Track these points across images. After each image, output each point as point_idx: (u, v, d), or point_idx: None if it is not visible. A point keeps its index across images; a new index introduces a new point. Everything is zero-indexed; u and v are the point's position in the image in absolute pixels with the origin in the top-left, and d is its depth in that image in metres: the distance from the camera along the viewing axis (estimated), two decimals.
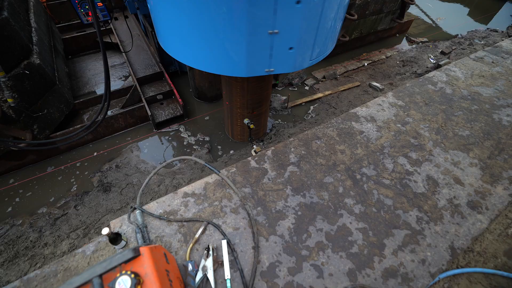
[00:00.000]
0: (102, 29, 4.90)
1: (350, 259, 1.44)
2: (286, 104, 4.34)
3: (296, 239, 1.51)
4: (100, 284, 0.84)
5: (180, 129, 3.87)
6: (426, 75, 2.75)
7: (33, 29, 3.05)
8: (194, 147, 3.64)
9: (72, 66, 4.56)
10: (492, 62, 2.98)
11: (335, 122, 2.22)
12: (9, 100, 2.44)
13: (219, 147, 3.67)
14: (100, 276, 0.86)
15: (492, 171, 1.89)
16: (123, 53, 4.45)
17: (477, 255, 1.55)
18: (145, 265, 0.94)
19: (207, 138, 3.76)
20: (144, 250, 0.98)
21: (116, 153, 3.48)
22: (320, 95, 4.51)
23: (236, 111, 3.14)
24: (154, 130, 3.80)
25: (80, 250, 1.44)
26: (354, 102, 4.27)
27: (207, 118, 4.11)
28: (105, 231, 1.27)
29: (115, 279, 0.87)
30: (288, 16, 1.53)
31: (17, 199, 2.98)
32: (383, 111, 2.33)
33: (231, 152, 3.56)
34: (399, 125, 2.20)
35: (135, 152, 3.51)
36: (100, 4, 2.65)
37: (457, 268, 1.48)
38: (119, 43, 4.74)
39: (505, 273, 1.47)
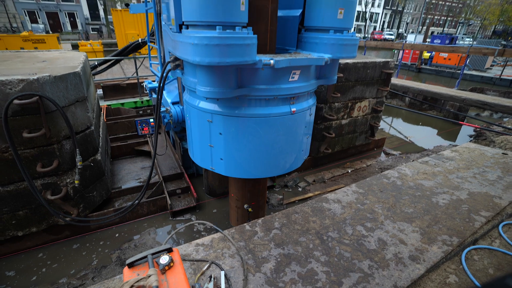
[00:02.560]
0: (142, 140, 6.34)
1: None
2: (282, 202, 5.11)
3: (275, 275, 2.03)
4: (151, 258, 1.50)
5: (192, 218, 4.54)
6: (382, 172, 3.67)
7: (100, 138, 4.36)
8: (202, 233, 4.21)
9: (112, 165, 5.75)
10: (435, 164, 3.93)
11: (310, 202, 2.99)
12: (76, 182, 3.38)
13: None
14: (152, 254, 1.52)
15: (429, 236, 2.47)
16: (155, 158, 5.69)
17: None
18: (175, 256, 1.58)
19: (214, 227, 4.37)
20: (174, 249, 1.64)
21: (135, 235, 4.06)
22: (310, 194, 5.33)
23: (238, 201, 3.94)
24: (170, 218, 4.48)
25: (117, 276, 1.99)
26: None
27: (214, 210, 4.83)
28: None
29: (159, 257, 1.52)
30: (217, 140, 2.68)
31: (44, 270, 3.41)
32: (347, 196, 3.12)
33: None
34: (359, 205, 2.94)
35: (152, 235, 4.09)
36: (152, 123, 4.02)
37: None
38: (152, 151, 6.09)
39: None
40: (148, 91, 5.66)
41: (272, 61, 2.15)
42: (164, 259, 1.52)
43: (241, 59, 2.01)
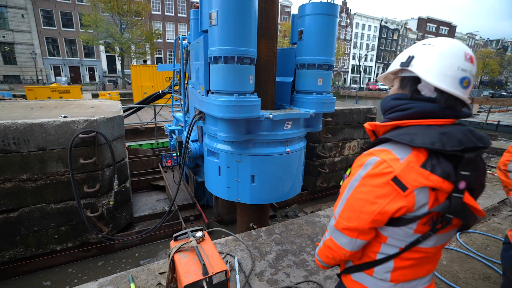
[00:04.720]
0: (157, 176, 7.10)
1: (306, 271, 2.53)
2: None
3: (275, 262, 2.66)
4: (191, 234, 2.21)
5: None
6: None
7: (128, 169, 5.18)
8: None
9: (131, 197, 6.44)
10: None
11: (304, 217, 3.66)
12: (111, 203, 4.10)
13: None
14: (191, 231, 2.24)
15: None
16: (169, 191, 6.42)
17: None
18: (205, 234, 2.29)
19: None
20: (205, 231, 2.35)
21: (153, 254, 4.60)
22: None
23: (245, 224, 4.57)
24: None
25: (156, 262, 2.62)
26: None
27: (223, 236, 5.37)
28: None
29: (195, 233, 2.23)
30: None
31: (75, 281, 3.92)
32: None
33: None
34: None
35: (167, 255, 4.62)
36: (175, 157, 4.88)
37: None
38: (167, 185, 6.84)
39: None
40: (168, 133, 6.65)
41: (271, 115, 3.10)
42: (199, 233, 2.23)
43: (250, 115, 2.96)
